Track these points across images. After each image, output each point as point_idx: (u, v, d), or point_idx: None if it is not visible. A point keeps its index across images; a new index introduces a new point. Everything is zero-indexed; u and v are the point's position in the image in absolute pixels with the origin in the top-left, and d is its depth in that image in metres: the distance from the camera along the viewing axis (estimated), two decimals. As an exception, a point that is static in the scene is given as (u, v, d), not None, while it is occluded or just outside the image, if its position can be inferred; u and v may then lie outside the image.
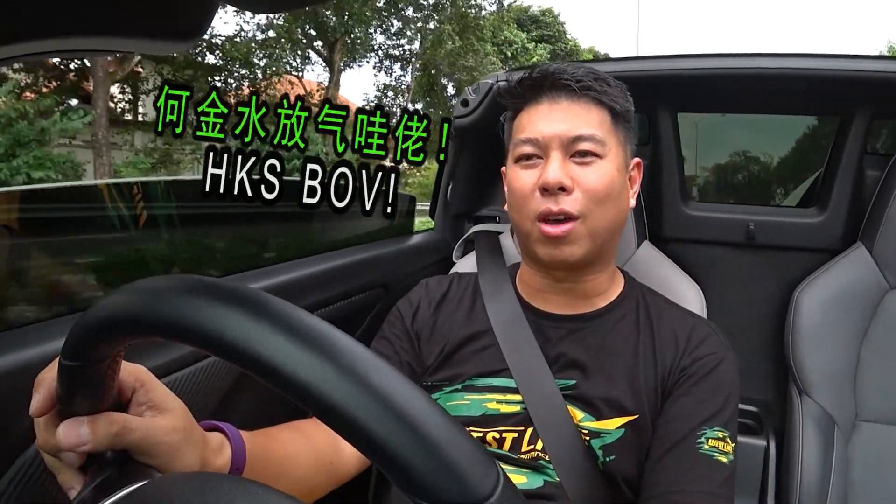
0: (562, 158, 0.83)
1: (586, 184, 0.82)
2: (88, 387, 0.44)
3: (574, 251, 0.84)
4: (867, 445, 1.21)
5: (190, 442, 0.52)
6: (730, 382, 0.84)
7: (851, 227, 1.39)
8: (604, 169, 0.84)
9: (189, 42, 0.36)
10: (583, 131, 0.84)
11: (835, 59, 1.23)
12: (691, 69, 1.30)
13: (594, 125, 0.85)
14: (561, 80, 0.86)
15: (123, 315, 0.38)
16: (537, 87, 0.87)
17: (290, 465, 0.71)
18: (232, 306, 0.35)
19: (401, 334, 0.94)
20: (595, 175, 0.83)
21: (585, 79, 0.86)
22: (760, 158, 2.12)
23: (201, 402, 0.85)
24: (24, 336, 0.67)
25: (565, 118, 0.85)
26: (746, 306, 1.49)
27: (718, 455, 0.77)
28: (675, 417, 0.80)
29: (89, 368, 0.42)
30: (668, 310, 0.92)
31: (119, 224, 1.15)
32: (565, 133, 0.84)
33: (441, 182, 1.56)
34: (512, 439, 0.83)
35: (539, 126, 0.85)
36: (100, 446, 0.45)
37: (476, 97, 1.34)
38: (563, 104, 0.86)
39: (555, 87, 0.86)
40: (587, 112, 0.85)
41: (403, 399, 0.32)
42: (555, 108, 0.86)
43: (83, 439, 0.44)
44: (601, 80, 0.87)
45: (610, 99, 0.86)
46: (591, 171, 0.83)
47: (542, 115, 0.86)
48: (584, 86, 0.85)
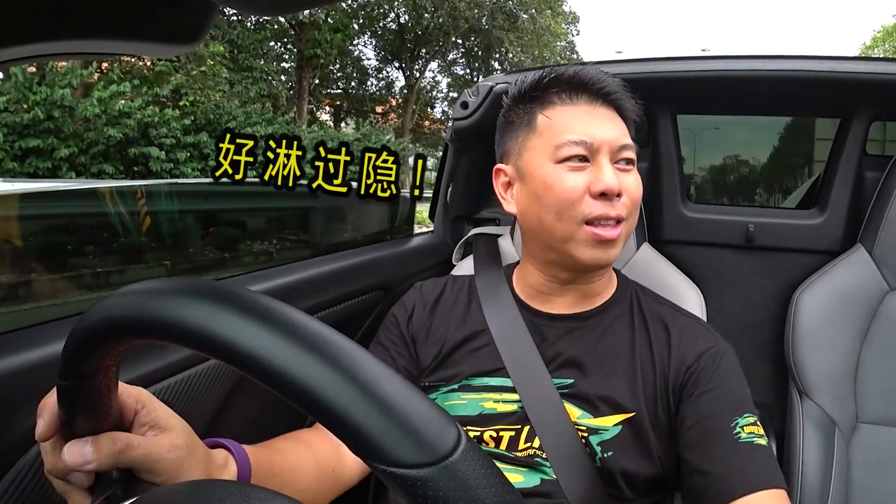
0: (611, 164, 0.85)
1: (630, 190, 0.85)
2: (87, 404, 0.45)
3: (616, 253, 0.86)
4: (868, 447, 1.21)
5: (193, 458, 0.53)
6: (737, 370, 0.85)
7: (851, 228, 1.39)
8: (637, 176, 0.88)
9: (189, 45, 0.36)
10: (626, 140, 0.86)
11: (834, 61, 1.23)
12: (691, 71, 1.30)
13: (628, 134, 0.88)
14: (599, 87, 0.87)
15: (103, 323, 0.39)
16: (573, 89, 0.88)
17: (295, 476, 0.72)
18: (191, 294, 0.35)
19: (396, 339, 0.95)
20: (635, 182, 0.87)
21: (621, 91, 0.88)
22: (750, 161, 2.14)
23: (198, 406, 0.85)
24: (21, 339, 0.67)
25: (611, 125, 0.86)
26: (746, 308, 1.49)
27: (757, 439, 0.77)
28: (704, 417, 0.79)
29: (84, 384, 0.43)
30: (660, 307, 0.93)
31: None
32: (615, 140, 0.85)
33: (441, 184, 1.56)
34: (509, 438, 0.84)
35: (588, 129, 0.85)
36: (104, 465, 0.47)
37: (476, 99, 1.34)
38: (600, 110, 0.87)
39: (591, 92, 0.87)
40: (620, 122, 0.88)
41: (353, 362, 0.32)
42: (594, 113, 0.87)
43: (87, 458, 0.46)
44: (630, 96, 0.90)
45: (634, 113, 0.90)
46: (632, 178, 0.86)
47: (583, 118, 0.86)
48: (619, 97, 0.88)
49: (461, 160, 1.50)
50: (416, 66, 20.48)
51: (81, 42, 0.32)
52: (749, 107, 1.50)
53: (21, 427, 0.61)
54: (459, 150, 1.48)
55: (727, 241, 1.49)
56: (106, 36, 0.33)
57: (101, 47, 0.36)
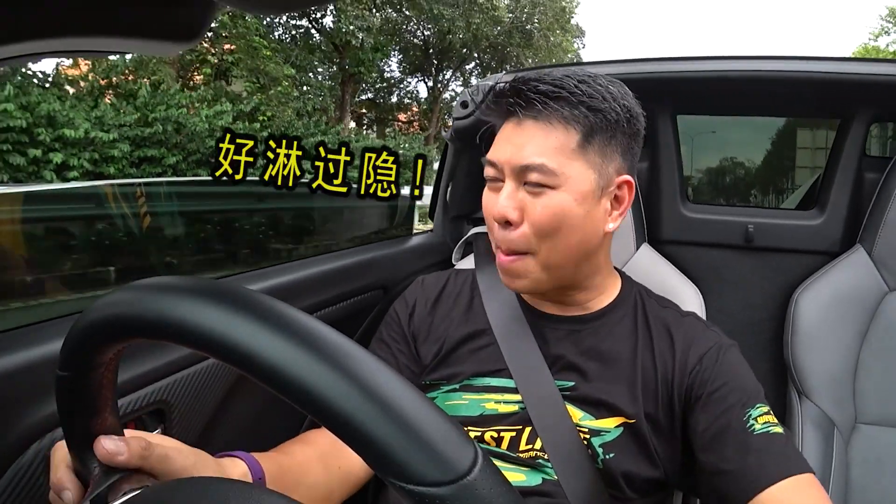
0: (514, 187, 0.79)
1: (533, 216, 0.77)
2: (86, 398, 0.45)
3: (525, 284, 0.83)
4: (867, 448, 1.20)
5: (201, 457, 0.57)
6: (741, 363, 0.84)
7: (850, 229, 1.39)
8: (554, 201, 0.77)
9: (188, 43, 0.36)
10: (532, 160, 0.76)
11: (834, 62, 1.23)
12: (691, 71, 1.30)
13: (548, 152, 0.76)
14: (521, 98, 0.78)
15: (101, 321, 0.40)
16: (506, 101, 0.80)
17: (304, 471, 0.74)
18: (203, 298, 0.35)
19: (398, 337, 0.94)
20: (541, 208, 0.77)
21: (555, 90, 0.77)
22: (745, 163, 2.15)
23: (198, 404, 0.85)
24: (19, 338, 0.66)
25: (520, 142, 0.78)
26: (745, 309, 1.49)
27: (773, 428, 0.75)
28: (716, 417, 0.77)
29: (84, 377, 0.43)
30: (663, 311, 0.91)
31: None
32: (515, 161, 0.78)
33: (440, 184, 1.56)
34: (510, 438, 0.83)
35: (497, 147, 0.82)
36: (133, 459, 0.49)
37: (476, 99, 1.34)
38: (526, 123, 0.79)
39: (523, 101, 0.79)
40: (546, 135, 0.77)
41: (375, 380, 0.32)
42: (516, 129, 0.80)
43: (121, 448, 0.48)
44: (577, 93, 0.77)
45: (582, 114, 0.77)
46: (539, 202, 0.77)
47: (505, 135, 0.81)
48: (549, 100, 0.77)
49: (461, 159, 1.50)
50: (439, 77, 22.10)
51: (77, 40, 0.32)
52: (749, 107, 1.50)
53: (18, 428, 0.61)
54: (459, 149, 1.48)
55: (727, 241, 1.49)
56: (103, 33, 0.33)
57: (99, 45, 0.35)
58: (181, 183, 3.84)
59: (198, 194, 2.30)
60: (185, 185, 3.33)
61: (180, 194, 2.20)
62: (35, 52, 0.32)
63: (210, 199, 2.15)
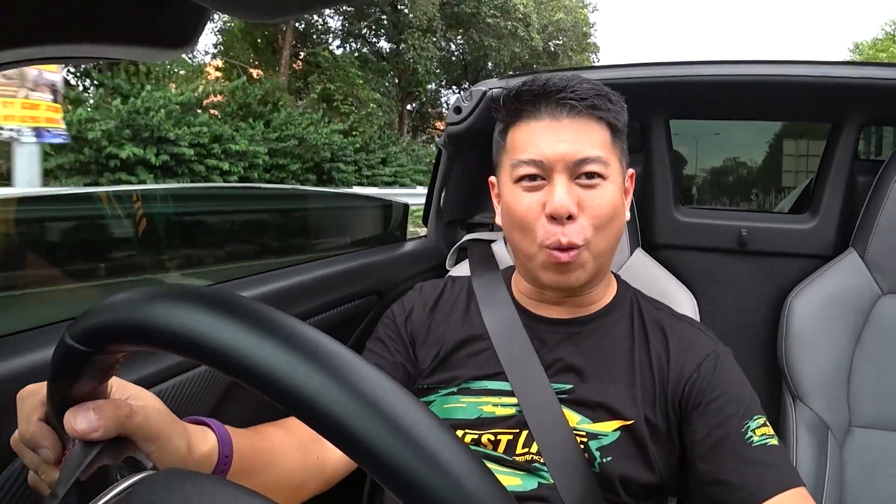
0: (567, 182, 0.81)
1: (593, 209, 0.81)
2: (92, 374, 0.43)
3: (580, 276, 0.83)
4: (861, 451, 1.21)
5: (175, 425, 0.53)
6: (737, 371, 0.84)
7: (843, 232, 1.40)
8: (608, 191, 0.82)
9: (180, 50, 0.36)
10: (589, 152, 0.81)
11: (827, 66, 1.24)
12: (684, 76, 1.31)
13: (598, 145, 0.82)
14: (564, 97, 0.82)
15: (96, 329, 0.38)
16: (537, 101, 0.83)
17: (277, 456, 0.71)
18: (205, 308, 0.35)
19: (394, 336, 0.95)
20: (601, 199, 0.81)
21: (589, 96, 0.82)
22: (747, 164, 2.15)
23: (192, 411, 0.85)
24: (13, 344, 0.66)
25: (570, 138, 0.81)
26: (739, 312, 1.50)
27: (770, 440, 0.76)
28: (715, 427, 0.78)
29: (100, 356, 0.41)
30: (658, 313, 0.92)
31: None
32: (571, 155, 0.80)
33: (434, 189, 1.56)
34: (506, 442, 0.83)
35: (541, 146, 0.82)
36: (109, 432, 0.45)
37: (469, 104, 1.34)
38: (564, 122, 0.82)
39: (556, 102, 0.82)
40: (590, 130, 0.82)
41: (428, 435, 0.32)
42: (556, 127, 0.82)
43: (94, 424, 0.44)
44: (604, 97, 0.83)
45: (612, 116, 0.84)
46: (596, 194, 0.81)
47: (542, 133, 0.83)
48: (588, 104, 0.82)
49: (455, 165, 1.50)
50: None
51: (69, 47, 0.32)
52: (741, 111, 1.51)
53: (12, 431, 0.60)
54: (453, 154, 1.48)
55: (720, 245, 1.49)
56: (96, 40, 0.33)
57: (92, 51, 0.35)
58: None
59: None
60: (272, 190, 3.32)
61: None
62: (25, 59, 0.32)
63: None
